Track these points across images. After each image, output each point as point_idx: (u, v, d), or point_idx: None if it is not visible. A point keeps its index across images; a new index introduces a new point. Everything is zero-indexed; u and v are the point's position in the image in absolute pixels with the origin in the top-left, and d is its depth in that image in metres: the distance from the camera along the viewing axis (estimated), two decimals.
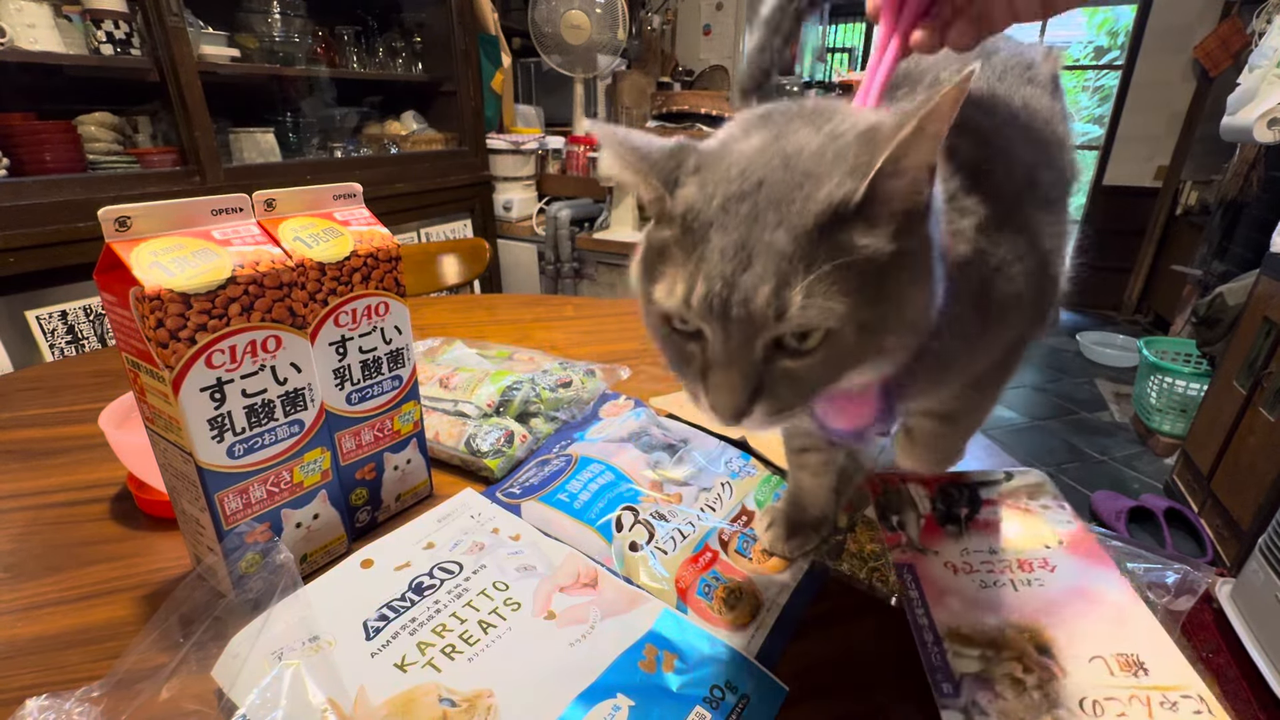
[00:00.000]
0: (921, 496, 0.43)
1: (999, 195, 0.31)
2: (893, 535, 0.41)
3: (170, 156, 1.43)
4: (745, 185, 0.24)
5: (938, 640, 0.35)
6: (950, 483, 0.44)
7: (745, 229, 0.24)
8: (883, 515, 0.43)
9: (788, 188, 0.24)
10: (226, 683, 0.32)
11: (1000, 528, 0.41)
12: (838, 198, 0.23)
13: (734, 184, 0.25)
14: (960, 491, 0.43)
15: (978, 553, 0.40)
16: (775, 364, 0.25)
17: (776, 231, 0.23)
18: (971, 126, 0.33)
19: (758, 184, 0.24)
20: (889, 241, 0.24)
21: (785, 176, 0.24)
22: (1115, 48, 4.26)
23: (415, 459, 0.50)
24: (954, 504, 0.43)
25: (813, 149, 0.25)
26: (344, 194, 0.45)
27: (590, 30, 2.08)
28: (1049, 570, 0.38)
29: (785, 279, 0.23)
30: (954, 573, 0.38)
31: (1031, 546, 0.40)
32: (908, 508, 0.43)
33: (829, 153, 0.25)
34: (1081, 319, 3.72)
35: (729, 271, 0.24)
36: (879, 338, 0.25)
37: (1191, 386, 1.92)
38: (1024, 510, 0.42)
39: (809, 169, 0.24)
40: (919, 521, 0.42)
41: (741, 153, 0.26)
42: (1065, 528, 0.41)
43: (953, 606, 0.36)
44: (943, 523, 0.42)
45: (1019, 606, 0.36)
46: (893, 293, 0.24)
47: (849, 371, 0.26)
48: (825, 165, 0.24)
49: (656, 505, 0.46)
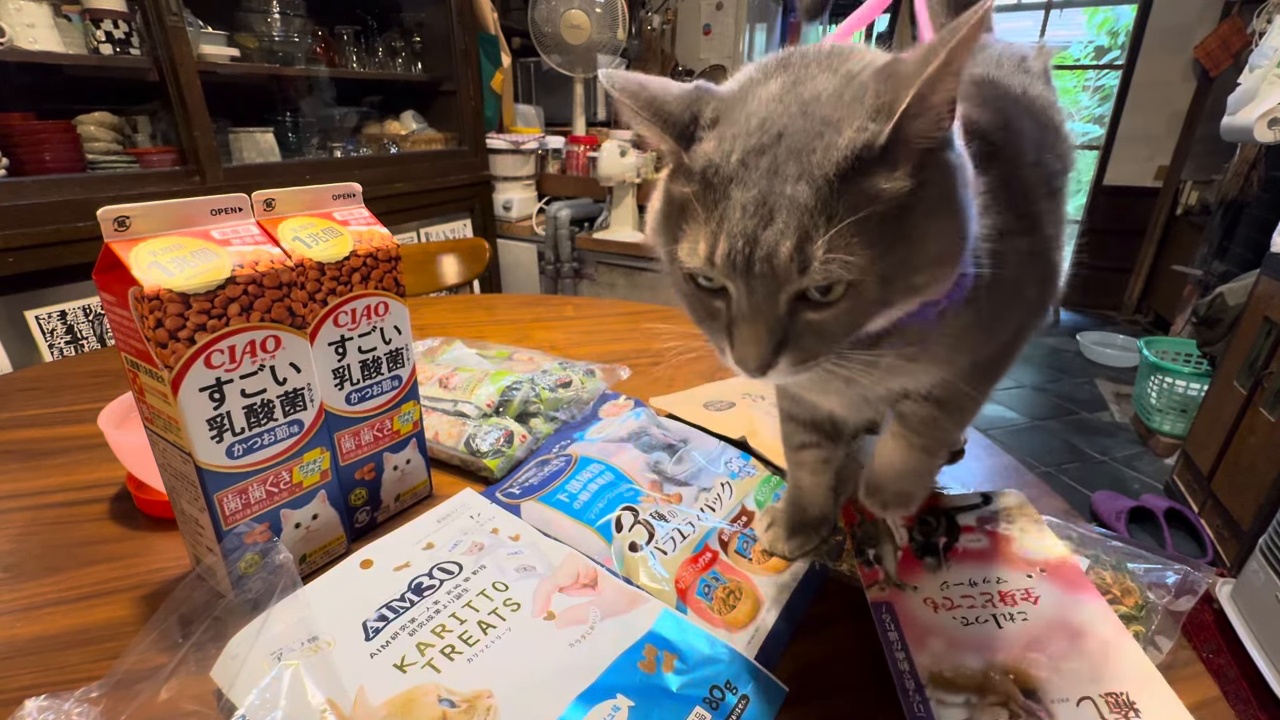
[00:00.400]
0: (898, 527, 0.42)
1: (1011, 171, 0.31)
2: (870, 572, 0.40)
3: (169, 156, 1.43)
4: (765, 138, 0.24)
5: (919, 688, 0.33)
6: (928, 510, 0.43)
7: (766, 183, 0.24)
8: (859, 550, 0.41)
9: (808, 137, 0.24)
10: (226, 683, 0.32)
11: (980, 557, 0.40)
12: (860, 144, 0.23)
13: (753, 137, 0.24)
14: (938, 519, 0.42)
15: (958, 586, 0.38)
16: (799, 316, 0.26)
17: (798, 184, 0.23)
18: (980, 99, 0.32)
19: (777, 136, 0.24)
20: (909, 179, 0.24)
21: (804, 125, 0.24)
22: (1115, 47, 4.26)
23: (415, 459, 0.50)
24: (932, 533, 0.41)
25: (830, 92, 0.25)
26: (343, 194, 0.45)
27: (590, 30, 2.08)
28: (1032, 602, 0.37)
29: (807, 233, 0.23)
30: (934, 610, 0.37)
31: (1012, 576, 0.38)
32: (885, 540, 0.41)
33: (846, 95, 0.24)
34: (1082, 319, 3.72)
35: (751, 228, 0.24)
36: (906, 279, 0.25)
37: (1192, 386, 1.92)
38: (1003, 536, 0.41)
39: (827, 115, 0.24)
40: (896, 554, 0.41)
41: (761, 100, 0.25)
42: (1045, 553, 0.40)
43: (934, 648, 0.35)
44: (920, 554, 0.40)
45: (1003, 645, 0.35)
46: (916, 230, 0.24)
47: (874, 318, 0.26)
48: (843, 109, 0.24)
49: (656, 505, 0.46)
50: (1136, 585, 0.38)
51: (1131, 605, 0.38)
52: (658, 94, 0.26)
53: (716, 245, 0.24)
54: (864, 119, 0.23)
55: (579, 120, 2.24)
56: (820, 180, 0.23)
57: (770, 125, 0.24)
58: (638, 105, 0.25)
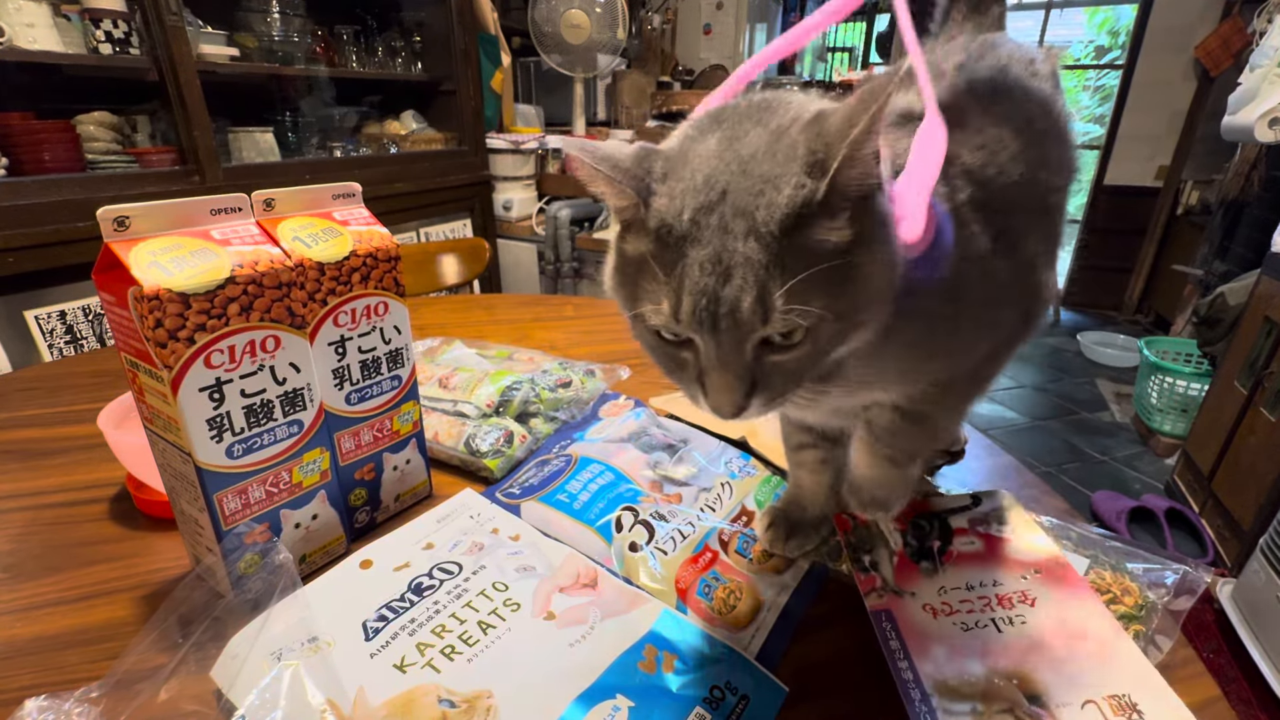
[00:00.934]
0: (892, 531, 0.42)
1: (991, 191, 0.32)
2: (867, 578, 0.39)
3: (169, 156, 1.43)
4: (711, 196, 0.26)
5: (925, 698, 0.33)
6: (919, 514, 0.42)
7: (719, 241, 0.25)
8: (855, 556, 0.41)
9: (750, 195, 0.25)
10: (225, 683, 0.32)
11: (975, 560, 0.40)
12: (800, 200, 0.25)
13: (700, 194, 0.26)
14: (930, 523, 0.42)
15: (955, 590, 0.38)
16: (765, 359, 0.27)
17: (748, 241, 0.25)
18: (971, 115, 0.34)
19: (722, 194, 0.26)
20: (849, 226, 0.25)
21: (745, 183, 0.26)
22: (1116, 47, 4.26)
23: (414, 459, 0.50)
24: (925, 537, 0.41)
25: (764, 149, 0.26)
26: (343, 194, 0.45)
27: (590, 29, 2.08)
28: (1029, 605, 0.37)
29: (764, 287, 0.25)
30: (934, 616, 0.37)
31: (1008, 578, 0.38)
32: (879, 545, 0.41)
33: (779, 152, 0.26)
34: (1082, 319, 3.72)
35: (710, 285, 0.25)
36: (855, 315, 0.27)
37: (1192, 386, 1.92)
38: (996, 538, 0.41)
39: (765, 172, 0.26)
40: (892, 560, 0.40)
41: (701, 157, 0.27)
42: (1037, 553, 0.39)
43: (937, 656, 0.35)
44: (916, 559, 0.40)
45: (1005, 650, 0.35)
46: (860, 271, 0.26)
47: (832, 353, 0.28)
48: (779, 165, 0.26)
49: (656, 505, 0.46)
50: (1136, 585, 0.38)
51: (1131, 605, 0.38)
52: (613, 152, 0.27)
53: (680, 303, 0.26)
54: (800, 175, 0.25)
55: (579, 120, 2.23)
56: (768, 236, 0.25)
57: (714, 183, 0.26)
58: (596, 162, 0.26)
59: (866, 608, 0.38)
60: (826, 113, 0.26)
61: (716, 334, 0.26)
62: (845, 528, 0.43)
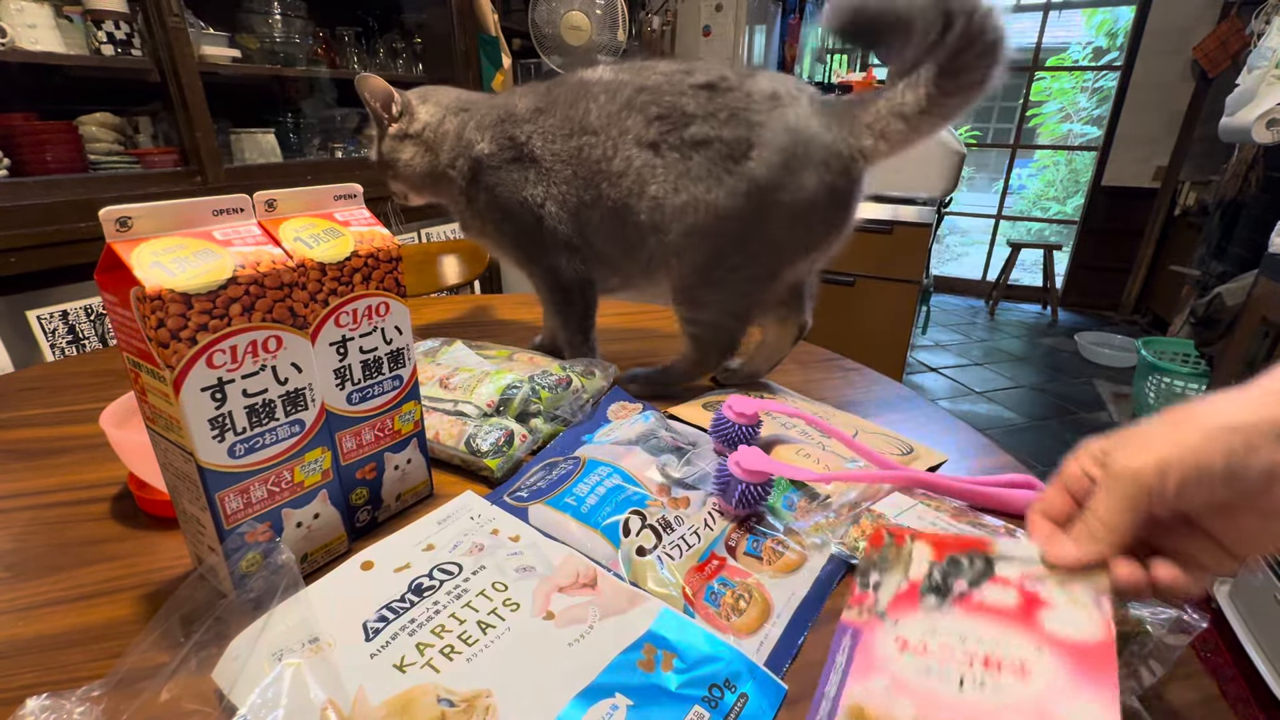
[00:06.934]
0: (923, 559, 0.35)
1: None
2: (861, 594, 0.36)
3: (171, 157, 1.43)
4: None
5: (831, 715, 0.30)
6: (969, 549, 0.35)
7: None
8: (864, 571, 0.37)
9: None
10: (227, 685, 0.32)
11: (993, 613, 0.32)
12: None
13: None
14: (973, 561, 0.34)
15: (944, 634, 0.31)
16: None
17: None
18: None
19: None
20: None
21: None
22: (1114, 49, 4.26)
23: (415, 459, 0.51)
24: (952, 576, 0.34)
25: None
26: (345, 194, 0.45)
27: (590, 31, 2.08)
28: (1019, 676, 0.29)
29: None
30: (901, 649, 0.32)
31: (1015, 643, 0.30)
32: (897, 569, 0.36)
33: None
34: (1080, 319, 3.72)
35: None
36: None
37: (1190, 387, 1.92)
38: (1038, 599, 0.31)
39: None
40: (899, 585, 0.35)
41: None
42: (1077, 634, 0.29)
43: (874, 685, 0.30)
44: (925, 592, 0.34)
45: (948, 707, 0.28)
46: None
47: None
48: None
49: (664, 509, 0.46)
50: (1136, 616, 0.35)
51: (1129, 628, 0.34)
52: None
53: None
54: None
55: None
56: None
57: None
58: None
59: (840, 617, 0.35)
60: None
61: None
62: (878, 544, 0.38)
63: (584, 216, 0.64)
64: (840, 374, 0.78)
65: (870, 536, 0.39)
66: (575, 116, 0.63)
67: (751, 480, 0.45)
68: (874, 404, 0.70)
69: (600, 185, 0.62)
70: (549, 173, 0.64)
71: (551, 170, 0.64)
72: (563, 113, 0.63)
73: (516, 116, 0.65)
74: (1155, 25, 3.28)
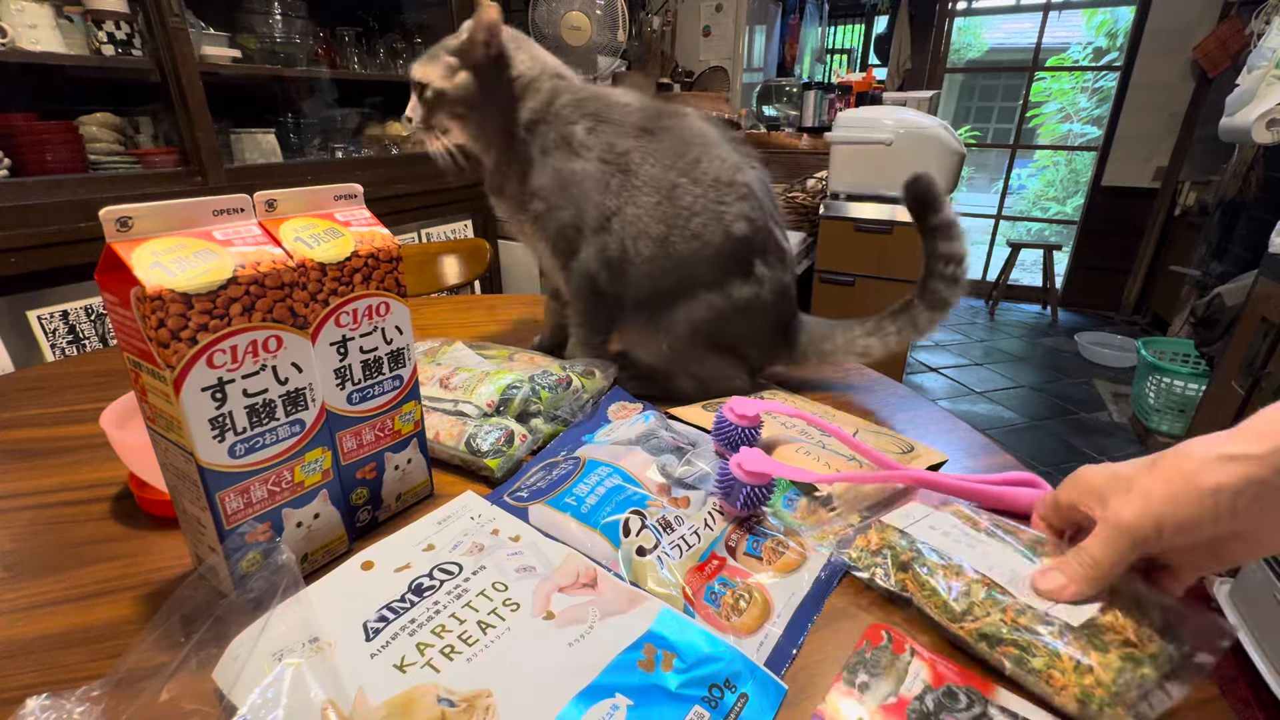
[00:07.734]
0: (918, 679, 0.34)
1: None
2: (848, 690, 0.35)
3: (171, 157, 1.43)
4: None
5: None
6: (969, 688, 0.33)
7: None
8: (852, 667, 0.36)
9: None
10: (227, 685, 0.32)
11: None
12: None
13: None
14: (970, 704, 0.32)
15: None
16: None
17: None
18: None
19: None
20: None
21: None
22: (1114, 49, 4.26)
23: (416, 459, 0.51)
24: (945, 711, 0.32)
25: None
26: (345, 194, 0.45)
27: (590, 31, 2.08)
28: None
29: None
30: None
31: None
32: (888, 677, 0.35)
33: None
34: (1080, 319, 3.72)
35: None
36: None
37: (1190, 387, 1.92)
38: None
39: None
40: (886, 697, 0.33)
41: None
42: None
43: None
44: (912, 715, 0.32)
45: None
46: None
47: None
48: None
49: (664, 510, 0.46)
50: (1157, 635, 0.34)
51: (1147, 654, 0.33)
52: None
53: None
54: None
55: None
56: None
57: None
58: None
59: (813, 712, 0.34)
60: None
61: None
62: (875, 641, 0.37)
63: (641, 244, 0.64)
64: (840, 374, 0.78)
65: (869, 632, 0.38)
66: (685, 155, 0.64)
67: (754, 482, 0.45)
68: (874, 404, 0.70)
69: (673, 226, 0.63)
70: (635, 190, 0.64)
71: (639, 190, 0.64)
72: (672, 146, 0.64)
73: (616, 121, 0.65)
74: (1155, 25, 3.29)
